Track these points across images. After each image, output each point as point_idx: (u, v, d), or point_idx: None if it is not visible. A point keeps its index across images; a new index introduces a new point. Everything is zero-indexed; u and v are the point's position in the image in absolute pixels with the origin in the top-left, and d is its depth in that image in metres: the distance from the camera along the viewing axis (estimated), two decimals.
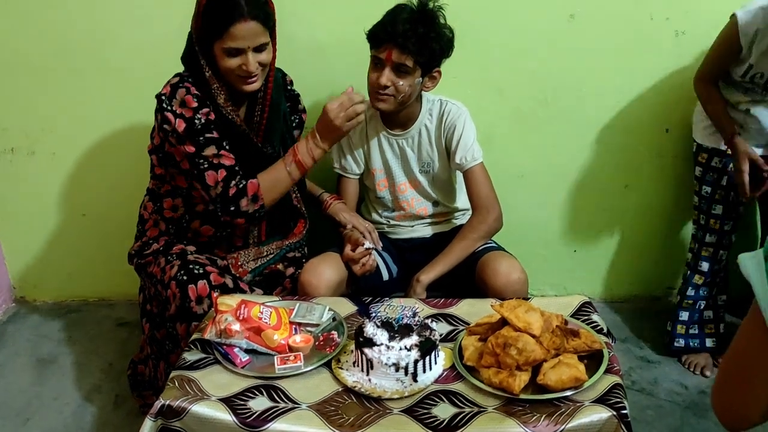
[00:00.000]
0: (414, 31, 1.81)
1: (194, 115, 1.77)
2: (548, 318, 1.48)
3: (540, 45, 2.28)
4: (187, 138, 1.77)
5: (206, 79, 1.80)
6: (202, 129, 1.77)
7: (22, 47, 2.33)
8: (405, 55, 1.82)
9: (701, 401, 2.13)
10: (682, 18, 2.24)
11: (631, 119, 2.39)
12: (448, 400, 1.39)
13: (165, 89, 1.81)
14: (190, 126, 1.77)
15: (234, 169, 1.79)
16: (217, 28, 1.72)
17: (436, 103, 2.04)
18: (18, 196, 2.56)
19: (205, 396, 1.39)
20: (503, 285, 1.84)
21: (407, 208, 2.12)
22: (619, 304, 2.62)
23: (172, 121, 1.77)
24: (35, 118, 2.44)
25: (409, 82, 1.87)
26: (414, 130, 2.03)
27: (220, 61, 1.76)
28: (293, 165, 1.86)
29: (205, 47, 1.78)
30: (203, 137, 1.77)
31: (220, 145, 1.79)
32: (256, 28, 1.73)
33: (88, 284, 2.70)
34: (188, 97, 1.78)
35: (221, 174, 1.78)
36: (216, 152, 1.78)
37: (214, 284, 1.78)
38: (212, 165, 1.77)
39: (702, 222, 2.21)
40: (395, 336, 1.45)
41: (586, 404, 1.34)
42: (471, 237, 1.98)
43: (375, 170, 2.09)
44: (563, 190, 2.51)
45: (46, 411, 2.12)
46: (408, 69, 1.85)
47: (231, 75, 1.78)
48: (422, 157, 2.06)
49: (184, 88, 1.79)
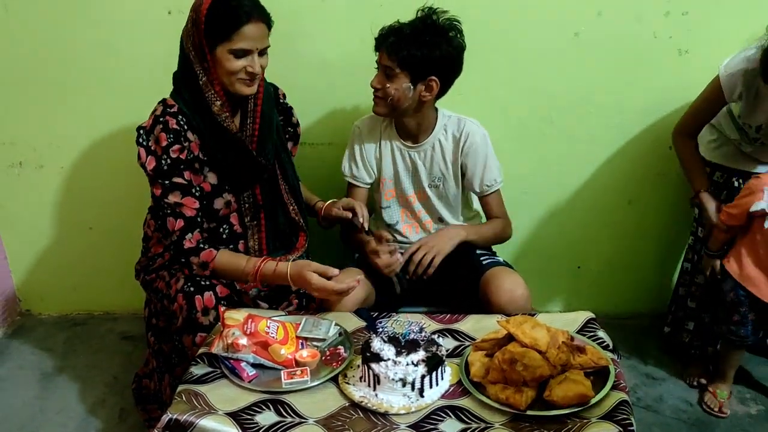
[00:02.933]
0: (399, 34, 1.87)
1: (161, 154, 1.76)
2: (554, 334, 1.48)
3: (544, 63, 2.30)
4: (156, 179, 1.78)
5: (200, 87, 1.79)
6: (168, 171, 1.77)
7: (31, 62, 2.35)
8: (390, 58, 1.88)
9: (707, 419, 2.12)
10: (686, 37, 2.26)
11: (634, 137, 2.40)
12: (455, 415, 1.39)
13: (147, 122, 1.81)
14: (158, 166, 1.77)
15: (193, 221, 1.79)
16: (226, 30, 1.73)
17: (453, 119, 2.05)
18: (25, 210, 2.58)
19: (212, 410, 1.39)
20: (506, 301, 1.85)
21: (414, 219, 2.13)
22: (623, 320, 2.62)
23: (143, 157, 1.78)
24: (43, 133, 2.46)
25: (395, 86, 1.90)
26: (428, 144, 2.05)
27: (225, 64, 1.75)
28: (252, 272, 1.79)
29: (203, 53, 1.77)
30: (169, 181, 1.77)
31: (185, 191, 1.78)
32: (263, 30, 1.77)
33: (93, 298, 2.71)
34: (162, 135, 1.76)
35: (179, 224, 1.78)
36: (179, 200, 1.78)
37: (220, 296, 1.78)
38: (173, 213, 1.78)
39: (700, 234, 2.22)
40: (402, 351, 1.46)
41: (592, 421, 1.34)
42: (493, 225, 2.13)
43: (384, 179, 2.10)
44: (567, 207, 2.52)
45: (50, 425, 2.12)
46: (394, 72, 1.88)
47: (232, 77, 1.77)
48: (433, 172, 2.08)
49: (162, 123, 1.78)
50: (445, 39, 1.88)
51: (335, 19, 2.25)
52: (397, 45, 1.86)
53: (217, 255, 1.79)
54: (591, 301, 2.58)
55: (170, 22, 2.26)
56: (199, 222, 1.81)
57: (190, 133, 1.80)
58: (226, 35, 1.73)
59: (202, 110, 1.81)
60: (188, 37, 1.79)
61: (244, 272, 1.79)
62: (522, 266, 2.21)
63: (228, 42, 1.74)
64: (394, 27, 1.90)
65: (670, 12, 2.23)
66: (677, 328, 2.36)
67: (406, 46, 1.85)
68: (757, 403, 2.19)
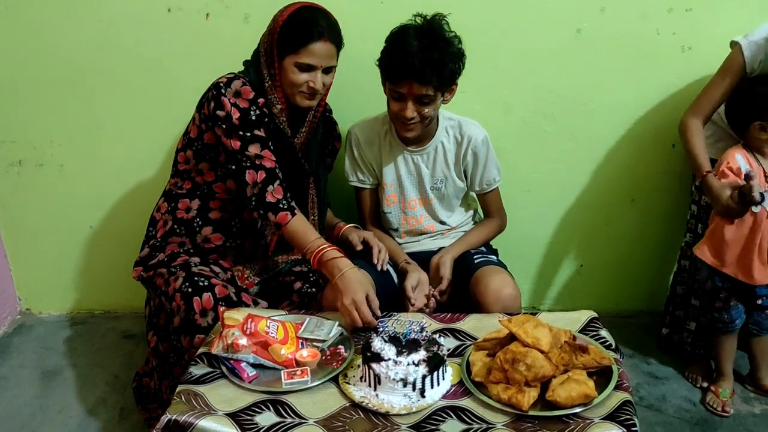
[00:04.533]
0: (428, 61, 1.78)
1: (249, 107, 1.81)
2: (556, 333, 1.47)
3: (547, 60, 2.29)
4: (239, 129, 1.80)
5: (265, 89, 1.86)
6: (254, 122, 1.82)
7: (30, 60, 2.34)
8: (425, 87, 1.82)
9: (710, 418, 2.11)
10: (689, 33, 2.24)
11: (637, 134, 2.39)
12: (456, 416, 1.38)
13: (222, 79, 1.84)
14: (244, 116, 1.81)
15: (274, 172, 1.82)
16: (296, 43, 1.80)
17: (454, 121, 2.05)
18: (25, 208, 2.57)
19: (211, 411, 1.38)
20: (493, 301, 1.85)
21: (415, 225, 2.12)
22: (626, 319, 2.61)
23: (228, 107, 1.80)
24: (43, 131, 2.45)
25: (433, 108, 1.88)
26: (430, 147, 2.04)
27: (289, 74, 1.82)
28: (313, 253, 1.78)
29: (271, 59, 1.84)
30: (251, 133, 1.81)
31: (264, 145, 1.83)
32: (331, 50, 1.84)
33: (93, 296, 2.70)
34: (245, 88, 1.82)
35: (260, 176, 1.81)
36: (258, 152, 1.81)
37: (219, 297, 1.78)
38: (253, 165, 1.81)
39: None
40: (403, 351, 1.45)
41: (595, 421, 1.33)
42: (485, 229, 2.15)
43: (386, 185, 2.09)
44: (570, 205, 2.50)
45: (50, 424, 2.12)
46: (430, 98, 1.85)
47: (294, 89, 1.84)
48: (436, 174, 2.07)
49: (241, 80, 1.83)
50: (455, 43, 1.85)
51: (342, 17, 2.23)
52: (429, 73, 1.79)
53: (291, 220, 1.81)
54: (593, 300, 2.58)
55: (170, 19, 2.26)
56: (279, 175, 1.83)
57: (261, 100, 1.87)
58: (295, 48, 1.81)
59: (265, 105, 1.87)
60: (263, 41, 1.88)
61: (307, 251, 1.78)
62: (523, 264, 2.21)
63: (295, 55, 1.81)
64: (409, 52, 1.78)
65: (673, 8, 2.22)
66: (676, 329, 2.35)
67: (437, 70, 1.80)
68: (761, 403, 2.18)
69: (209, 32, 2.26)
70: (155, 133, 2.41)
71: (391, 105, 1.91)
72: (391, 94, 1.88)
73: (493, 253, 2.14)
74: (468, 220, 2.19)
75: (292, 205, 1.83)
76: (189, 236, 1.97)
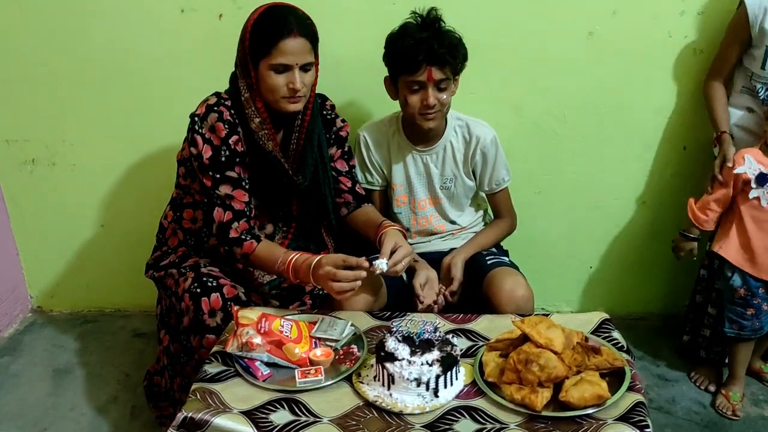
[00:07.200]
0: (442, 44, 1.84)
1: (221, 145, 1.77)
2: (569, 335, 1.48)
3: (558, 62, 2.29)
4: (209, 169, 1.78)
5: (241, 103, 1.80)
6: (225, 163, 1.78)
7: (43, 59, 2.36)
8: (444, 69, 1.86)
9: (720, 421, 2.11)
10: (701, 36, 2.24)
11: (648, 136, 2.39)
12: (470, 416, 1.39)
13: (199, 109, 1.80)
14: (215, 156, 1.77)
15: (242, 213, 1.80)
16: (266, 45, 1.73)
17: (463, 121, 2.05)
18: (37, 207, 2.59)
19: (226, 409, 1.39)
20: (506, 301, 1.85)
21: (425, 225, 2.12)
22: (636, 321, 2.61)
23: (200, 145, 1.78)
24: (56, 130, 2.46)
25: (450, 93, 1.91)
26: (439, 146, 2.05)
27: (267, 80, 1.75)
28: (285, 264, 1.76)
29: (247, 69, 1.79)
30: (221, 174, 1.78)
31: (236, 184, 1.80)
32: (304, 46, 1.76)
33: (105, 295, 2.71)
34: (218, 124, 1.77)
35: (227, 216, 1.79)
36: (230, 192, 1.79)
37: (227, 297, 1.78)
38: (223, 204, 1.79)
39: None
40: (416, 351, 1.45)
41: (609, 422, 1.34)
42: (495, 230, 2.15)
43: (395, 186, 2.10)
44: (580, 207, 2.51)
45: (62, 421, 2.13)
46: (447, 82, 1.88)
47: (276, 94, 1.77)
48: (445, 173, 2.08)
49: (217, 112, 1.78)
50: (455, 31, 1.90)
51: (348, 19, 2.25)
52: (446, 54, 1.84)
53: (257, 247, 1.79)
54: (603, 302, 2.58)
55: (183, 20, 2.27)
56: (247, 214, 1.81)
57: (241, 128, 1.82)
58: (266, 50, 1.74)
59: (243, 122, 1.82)
60: (237, 53, 1.81)
61: (279, 265, 1.76)
62: (534, 266, 2.20)
63: (268, 56, 1.74)
64: (424, 39, 1.83)
65: (685, 11, 2.22)
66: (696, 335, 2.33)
67: (452, 51, 1.85)
68: None
69: (222, 33, 2.26)
70: (167, 133, 2.42)
71: (409, 99, 1.90)
72: (409, 87, 1.88)
73: (504, 254, 2.15)
74: (478, 220, 2.19)
75: (257, 234, 1.82)
76: (198, 245, 1.98)
